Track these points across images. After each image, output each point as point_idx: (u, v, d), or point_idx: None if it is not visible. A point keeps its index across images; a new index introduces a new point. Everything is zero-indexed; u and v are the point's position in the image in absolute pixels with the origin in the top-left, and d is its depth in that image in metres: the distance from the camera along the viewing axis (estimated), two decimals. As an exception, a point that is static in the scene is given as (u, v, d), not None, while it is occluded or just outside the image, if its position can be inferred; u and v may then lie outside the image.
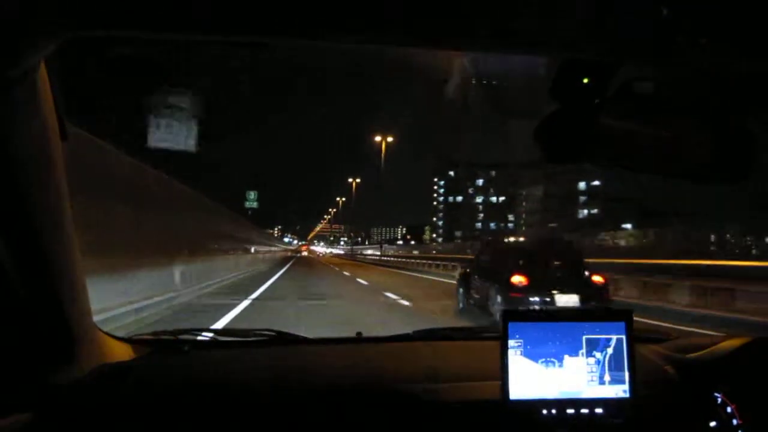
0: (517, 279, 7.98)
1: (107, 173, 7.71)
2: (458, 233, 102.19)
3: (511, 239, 13.17)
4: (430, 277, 22.61)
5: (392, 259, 47.32)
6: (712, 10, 0.66)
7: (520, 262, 8.50)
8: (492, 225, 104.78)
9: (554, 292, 7.81)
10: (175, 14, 0.67)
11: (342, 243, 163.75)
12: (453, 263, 24.60)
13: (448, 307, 10.36)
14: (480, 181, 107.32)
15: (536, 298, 7.78)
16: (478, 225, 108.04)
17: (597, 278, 8.32)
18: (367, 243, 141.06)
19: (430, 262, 31.88)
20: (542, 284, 7.95)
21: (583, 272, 8.34)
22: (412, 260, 37.26)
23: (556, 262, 8.55)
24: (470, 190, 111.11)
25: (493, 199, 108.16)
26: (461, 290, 10.10)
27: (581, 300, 7.66)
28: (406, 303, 11.65)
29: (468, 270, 10.46)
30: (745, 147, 0.86)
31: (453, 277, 14.77)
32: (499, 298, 8.12)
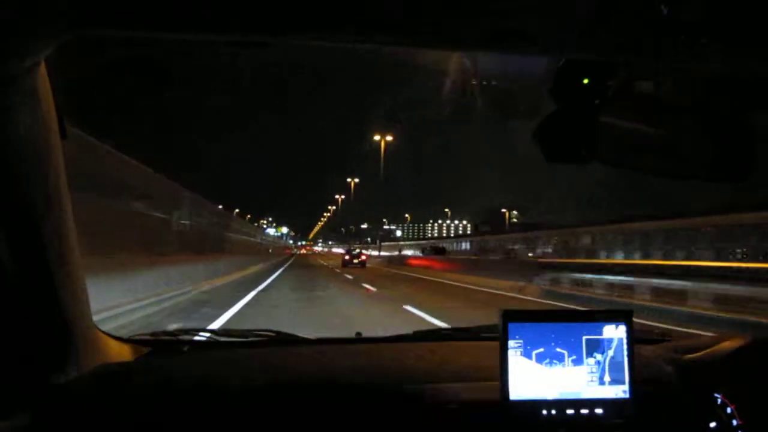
0: (347, 257, 38.13)
1: None
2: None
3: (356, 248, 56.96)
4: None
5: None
6: (713, 10, 0.66)
7: (350, 252, 41.51)
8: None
9: (353, 260, 37.28)
10: (175, 14, 0.67)
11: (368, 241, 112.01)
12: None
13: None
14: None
15: (349, 262, 37.01)
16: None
17: (363, 257, 39.39)
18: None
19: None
20: (352, 258, 37.88)
21: (360, 255, 39.76)
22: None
23: (355, 252, 41.59)
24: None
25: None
26: (343, 261, 38.28)
27: (358, 262, 37.08)
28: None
29: (344, 256, 39.57)
30: (745, 147, 0.86)
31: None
32: (342, 262, 37.62)
